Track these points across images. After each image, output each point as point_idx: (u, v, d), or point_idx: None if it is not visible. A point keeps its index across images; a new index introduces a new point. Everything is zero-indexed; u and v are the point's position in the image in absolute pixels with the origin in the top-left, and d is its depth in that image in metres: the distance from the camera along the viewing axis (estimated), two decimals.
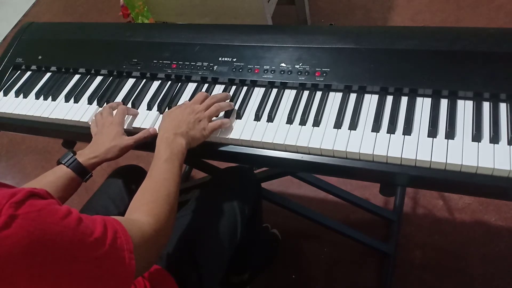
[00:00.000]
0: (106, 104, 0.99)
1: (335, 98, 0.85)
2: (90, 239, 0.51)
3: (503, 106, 0.76)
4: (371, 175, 0.76)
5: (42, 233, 0.47)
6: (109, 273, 0.53)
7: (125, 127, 0.91)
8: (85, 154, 0.84)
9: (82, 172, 0.83)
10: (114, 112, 0.93)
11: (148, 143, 0.89)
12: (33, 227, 0.46)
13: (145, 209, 0.67)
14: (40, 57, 1.13)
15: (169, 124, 0.82)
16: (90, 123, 0.95)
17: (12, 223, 0.45)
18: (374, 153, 0.74)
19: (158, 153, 0.77)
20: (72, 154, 0.83)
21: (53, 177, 0.81)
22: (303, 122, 0.83)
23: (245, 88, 0.93)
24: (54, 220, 0.49)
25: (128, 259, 0.55)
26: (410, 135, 0.76)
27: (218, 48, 0.98)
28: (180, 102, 0.95)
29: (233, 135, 0.84)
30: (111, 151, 0.85)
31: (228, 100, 0.90)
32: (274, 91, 0.90)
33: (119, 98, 0.99)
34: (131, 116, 0.94)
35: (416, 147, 0.73)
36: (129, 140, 0.86)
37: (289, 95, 0.89)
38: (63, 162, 0.82)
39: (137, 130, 0.92)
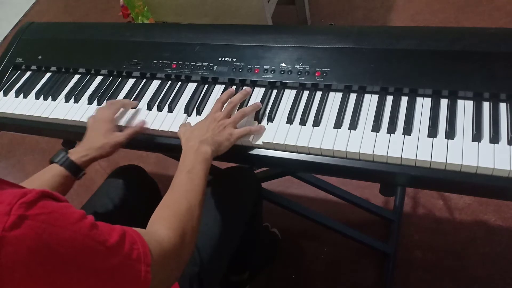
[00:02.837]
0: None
1: (335, 98, 0.85)
2: (103, 247, 0.50)
3: (503, 106, 0.76)
4: (371, 175, 0.76)
5: (51, 236, 0.46)
6: (122, 285, 0.51)
7: (124, 125, 0.92)
8: (77, 152, 0.83)
9: (75, 170, 0.82)
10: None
11: (143, 141, 0.90)
12: (42, 229, 0.45)
13: (165, 223, 0.64)
14: (40, 57, 1.13)
15: (191, 133, 0.79)
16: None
17: (22, 223, 0.44)
18: (374, 153, 0.74)
19: (182, 163, 0.74)
20: (64, 153, 0.83)
21: (47, 176, 0.80)
22: (303, 122, 0.83)
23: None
24: (65, 224, 0.48)
25: (144, 272, 0.53)
26: (410, 135, 0.76)
27: (218, 48, 0.98)
28: (180, 102, 0.95)
29: None
30: (103, 149, 0.84)
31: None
32: (274, 91, 0.90)
33: (119, 98, 0.99)
34: (133, 111, 0.94)
35: (416, 147, 0.73)
36: (120, 136, 0.86)
37: (289, 95, 0.89)
38: (55, 161, 0.82)
39: None
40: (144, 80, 1.02)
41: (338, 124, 0.80)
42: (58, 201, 0.51)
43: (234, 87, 0.93)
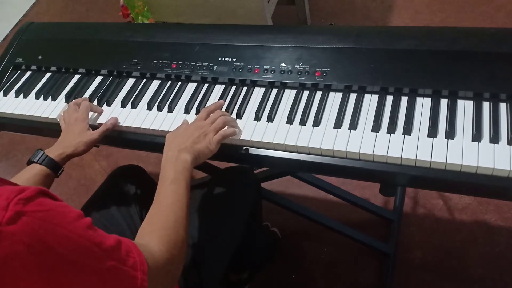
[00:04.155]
0: (106, 103, 0.99)
1: (335, 98, 0.85)
2: (98, 249, 0.50)
3: (503, 106, 0.76)
4: (371, 175, 0.76)
5: (48, 233, 0.46)
6: None
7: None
8: (54, 151, 0.85)
9: (55, 167, 0.84)
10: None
11: (143, 142, 0.92)
12: (39, 226, 0.45)
13: (154, 237, 0.64)
14: (40, 57, 1.13)
15: (172, 141, 0.79)
16: (58, 119, 0.97)
17: (18, 219, 0.44)
18: (374, 153, 0.74)
19: (164, 174, 0.74)
20: (42, 152, 0.84)
21: (29, 175, 0.81)
22: (303, 122, 0.83)
23: (245, 88, 0.93)
24: (62, 222, 0.48)
25: (141, 280, 0.53)
26: (410, 135, 0.76)
27: (218, 48, 0.98)
28: (180, 102, 0.95)
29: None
30: (78, 146, 0.86)
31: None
32: (274, 91, 0.90)
33: (119, 98, 0.99)
34: (97, 113, 0.97)
35: (416, 147, 0.73)
36: (94, 134, 0.88)
37: (289, 95, 0.89)
38: (35, 161, 0.83)
39: (138, 130, 0.92)
40: (144, 80, 1.02)
41: (338, 124, 0.80)
42: (55, 200, 0.51)
43: (234, 87, 0.93)
